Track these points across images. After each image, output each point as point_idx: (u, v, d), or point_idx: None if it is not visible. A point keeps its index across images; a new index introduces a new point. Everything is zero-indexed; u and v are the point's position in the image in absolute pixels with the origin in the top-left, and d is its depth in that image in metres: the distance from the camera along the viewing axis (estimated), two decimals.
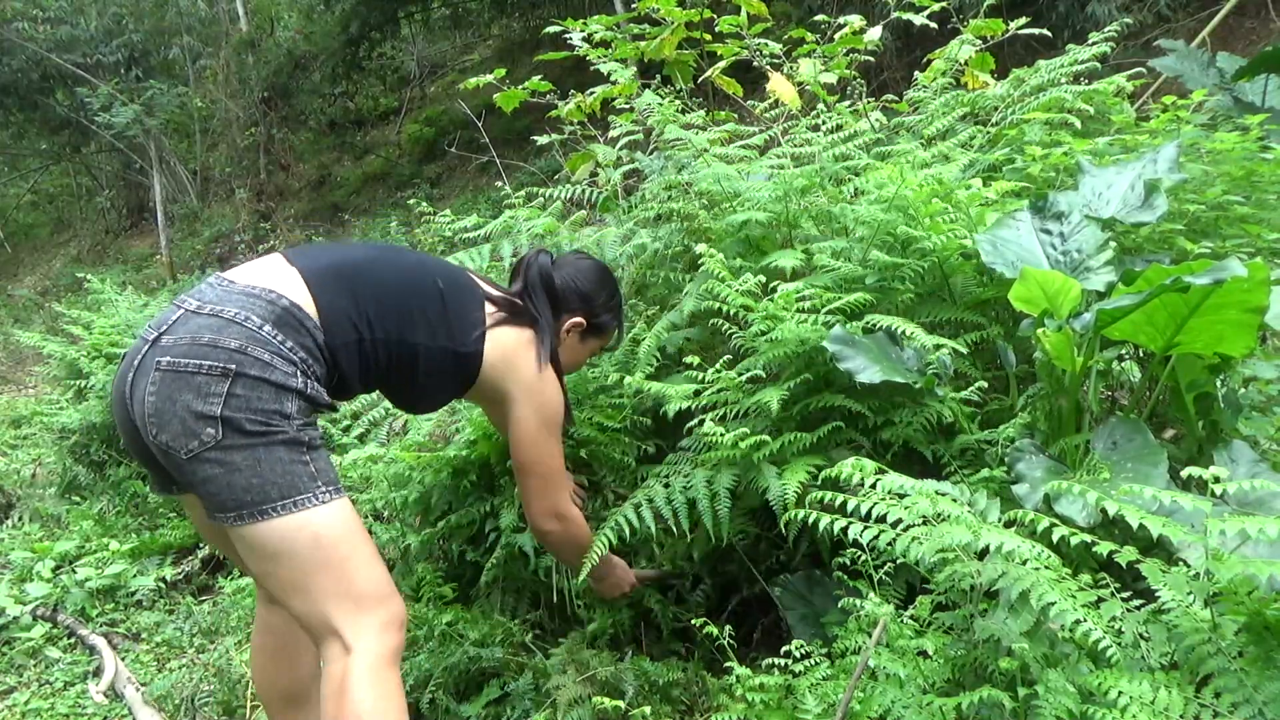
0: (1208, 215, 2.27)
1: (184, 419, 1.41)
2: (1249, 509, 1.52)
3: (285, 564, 1.45)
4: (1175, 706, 1.22)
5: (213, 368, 1.43)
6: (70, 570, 3.37)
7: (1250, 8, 6.46)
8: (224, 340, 1.44)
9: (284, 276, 1.57)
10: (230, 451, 1.42)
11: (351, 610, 1.46)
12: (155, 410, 1.43)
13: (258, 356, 1.45)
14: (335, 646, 1.45)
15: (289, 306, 1.52)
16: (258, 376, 1.45)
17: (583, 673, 1.92)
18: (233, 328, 1.46)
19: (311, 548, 1.45)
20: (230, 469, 1.42)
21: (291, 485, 1.45)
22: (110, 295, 5.23)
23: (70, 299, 9.51)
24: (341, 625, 1.45)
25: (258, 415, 1.44)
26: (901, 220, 2.09)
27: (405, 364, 1.67)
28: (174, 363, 1.43)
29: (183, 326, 1.47)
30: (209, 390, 1.42)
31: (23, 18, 11.52)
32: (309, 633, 1.51)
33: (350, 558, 1.48)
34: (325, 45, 11.97)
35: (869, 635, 1.57)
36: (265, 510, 1.43)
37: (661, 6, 2.99)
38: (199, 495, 1.47)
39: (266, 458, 1.43)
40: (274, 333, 1.49)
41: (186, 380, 1.42)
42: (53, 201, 16.34)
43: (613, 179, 2.80)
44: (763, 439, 1.81)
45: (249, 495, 1.42)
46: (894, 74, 6.85)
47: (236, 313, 1.48)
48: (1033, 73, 2.86)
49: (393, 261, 1.73)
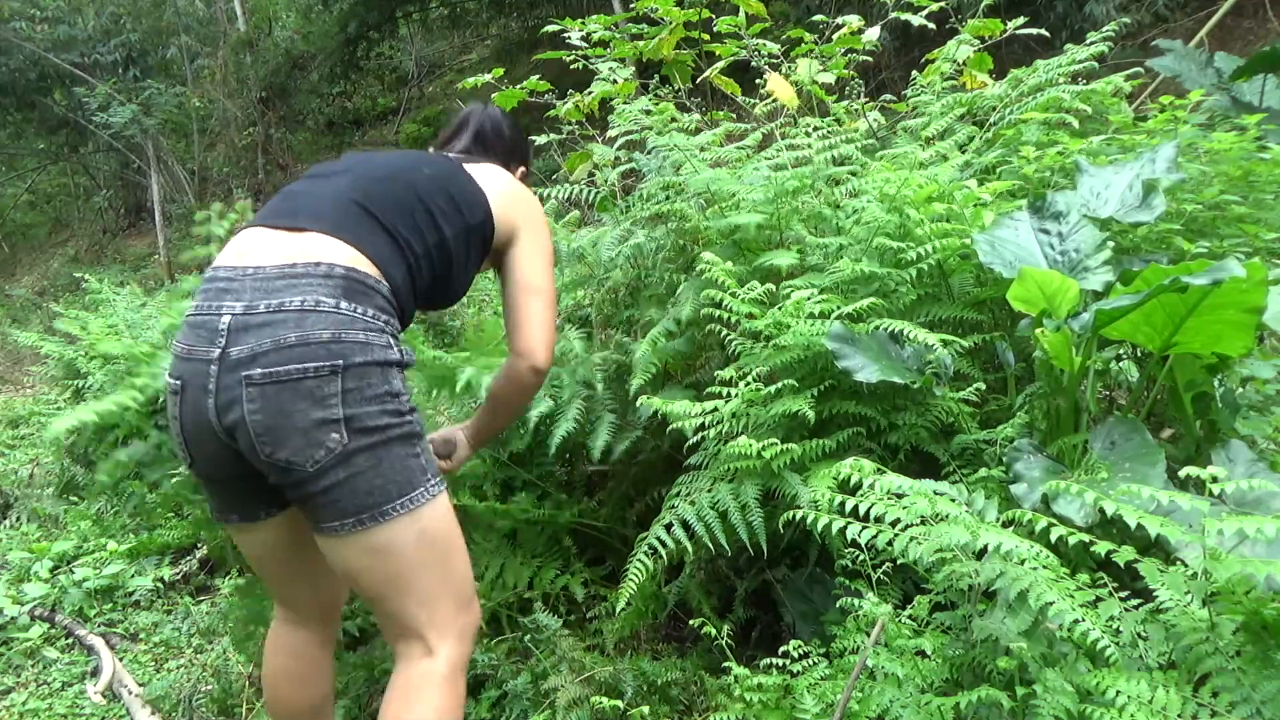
0: (1205, 215, 2.27)
1: (305, 430, 1.31)
2: (1246, 509, 1.53)
3: (390, 563, 1.39)
4: (1173, 706, 1.22)
5: (320, 368, 1.31)
6: (68, 570, 3.37)
7: (1248, 8, 6.47)
8: (313, 334, 1.32)
9: (304, 241, 1.42)
10: (355, 455, 1.34)
11: (441, 614, 1.43)
12: (267, 428, 1.31)
13: (354, 340, 1.35)
14: (417, 647, 1.44)
15: (346, 272, 1.39)
16: (362, 362, 1.35)
17: (581, 673, 1.92)
18: (312, 317, 1.33)
19: (418, 546, 1.40)
20: (354, 472, 1.34)
21: (408, 481, 1.39)
22: (109, 295, 5.22)
23: (68, 299, 9.50)
24: (429, 629, 1.43)
25: (374, 405, 1.35)
26: (900, 220, 2.09)
27: (444, 264, 1.60)
28: (272, 373, 1.31)
29: (251, 334, 1.33)
30: (323, 393, 1.31)
31: (20, 17, 11.50)
32: (389, 629, 1.48)
33: (448, 556, 1.46)
34: (323, 45, 11.97)
35: (867, 635, 1.57)
36: (385, 511, 1.37)
37: (660, 6, 2.99)
38: (313, 508, 1.38)
39: (386, 456, 1.37)
40: (351, 307, 1.37)
41: (294, 388, 1.31)
42: (50, 201, 16.31)
43: (610, 179, 2.80)
44: (789, 447, 1.81)
45: (371, 498, 1.35)
46: (892, 74, 6.85)
47: (303, 300, 1.35)
48: (1031, 73, 2.86)
49: (380, 174, 1.60)
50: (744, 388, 1.86)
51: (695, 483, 1.96)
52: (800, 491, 1.77)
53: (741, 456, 1.80)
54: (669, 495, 1.99)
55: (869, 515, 1.46)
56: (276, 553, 1.58)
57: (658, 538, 1.85)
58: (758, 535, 1.80)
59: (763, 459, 1.80)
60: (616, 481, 2.43)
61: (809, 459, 1.88)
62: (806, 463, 1.88)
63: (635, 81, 2.91)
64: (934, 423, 1.92)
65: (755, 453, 1.79)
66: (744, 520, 1.80)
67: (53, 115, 12.79)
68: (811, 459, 1.88)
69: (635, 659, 2.02)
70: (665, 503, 1.96)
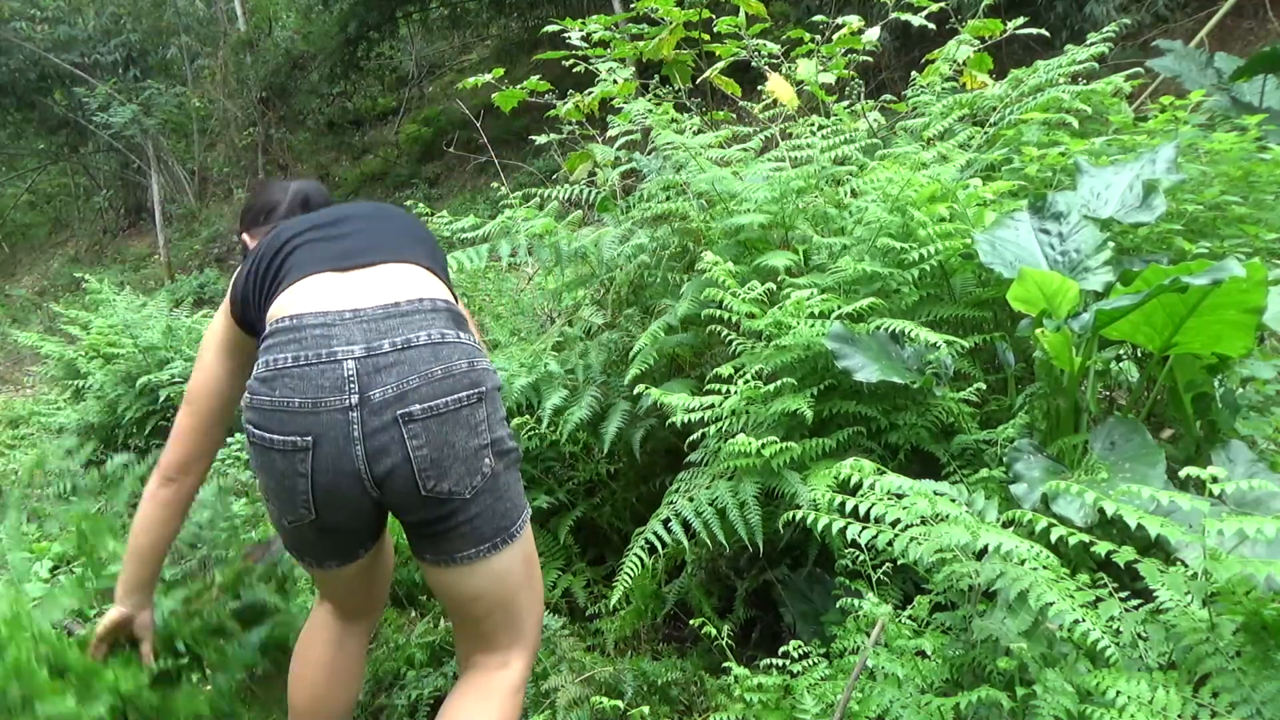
0: (1206, 215, 2.27)
1: (466, 459, 1.34)
2: (1246, 509, 1.53)
3: (507, 583, 1.44)
4: (1173, 706, 1.22)
5: (470, 397, 1.34)
6: (68, 571, 3.36)
7: (1248, 8, 6.47)
8: (454, 365, 1.34)
9: (390, 277, 1.42)
10: (499, 477, 1.39)
11: (528, 631, 1.49)
12: (432, 461, 1.31)
13: (483, 366, 1.38)
14: (498, 658, 1.48)
15: (447, 305, 1.41)
16: (493, 388, 1.39)
17: (581, 673, 1.92)
18: (445, 349, 1.34)
19: (525, 565, 1.47)
20: (498, 495, 1.39)
21: (523, 504, 1.46)
22: (108, 295, 5.22)
23: (68, 299, 9.50)
24: (515, 644, 1.48)
25: (504, 429, 1.40)
26: (902, 220, 2.09)
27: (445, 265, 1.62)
28: (430, 407, 1.31)
29: (388, 373, 1.30)
30: (475, 420, 1.35)
31: (20, 17, 11.52)
32: (475, 643, 1.49)
33: (537, 576, 1.52)
34: (323, 45, 11.98)
35: (867, 635, 1.57)
36: (513, 534, 1.42)
37: (660, 6, 2.99)
38: (451, 539, 1.39)
39: (512, 478, 1.42)
40: (467, 336, 1.39)
41: (454, 419, 1.32)
42: (50, 201, 16.32)
43: (610, 179, 2.80)
44: (789, 446, 1.82)
45: (505, 520, 1.41)
46: (892, 74, 6.86)
47: (428, 334, 1.34)
48: (1031, 73, 2.86)
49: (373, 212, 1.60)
50: (744, 385, 1.86)
51: (695, 480, 1.96)
52: (800, 491, 1.77)
53: (741, 454, 1.80)
54: (668, 491, 1.99)
55: (869, 515, 1.46)
56: (355, 582, 1.58)
57: (655, 533, 1.85)
58: (756, 533, 1.80)
59: (762, 457, 1.80)
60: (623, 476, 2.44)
61: (809, 458, 1.88)
62: (806, 462, 1.88)
63: (635, 82, 2.91)
64: (934, 423, 1.92)
65: (755, 450, 1.79)
66: (743, 518, 1.81)
67: (53, 115, 12.80)
68: (811, 458, 1.88)
69: (635, 659, 2.02)
70: (664, 498, 1.96)
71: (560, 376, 2.33)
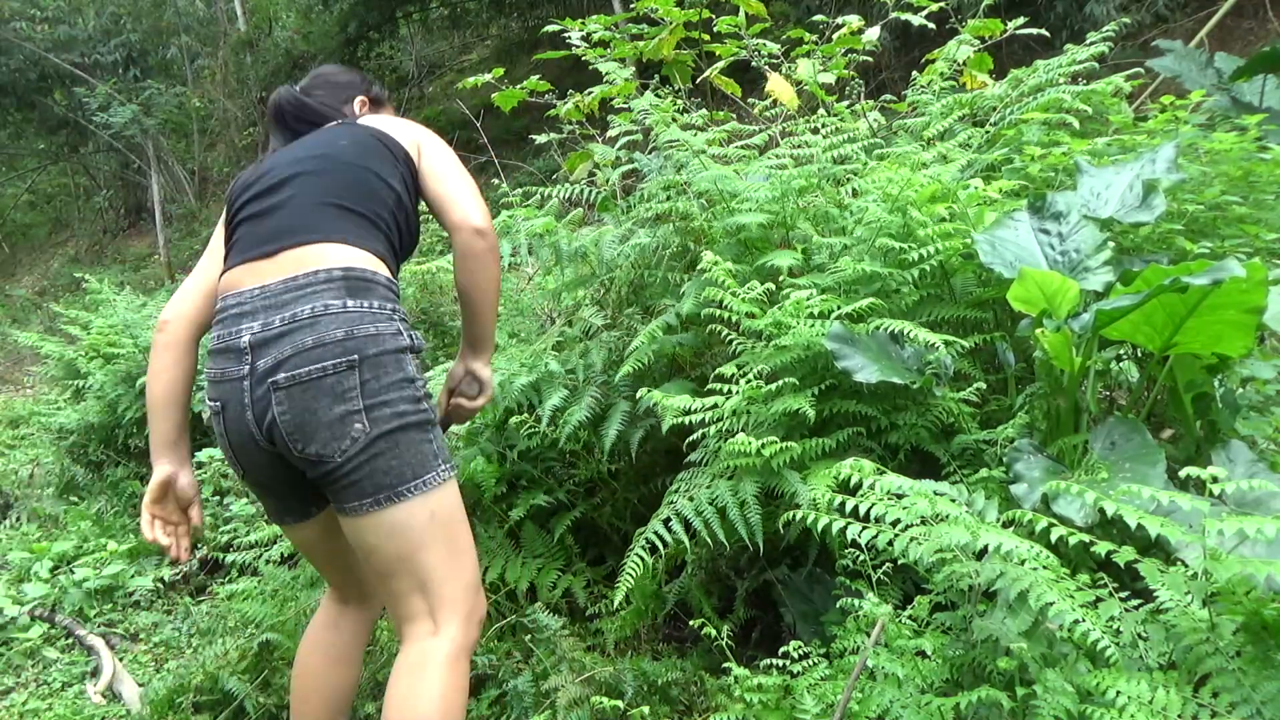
0: (1206, 215, 2.27)
1: (330, 424, 1.42)
2: (1247, 509, 1.53)
3: (402, 541, 1.47)
4: (1173, 706, 1.22)
5: (337, 365, 1.42)
6: (68, 571, 3.36)
7: (1248, 8, 6.47)
8: (328, 335, 1.42)
9: (298, 255, 1.50)
10: (376, 441, 1.43)
11: (448, 595, 1.49)
12: (296, 426, 1.42)
13: (365, 333, 1.44)
14: (423, 626, 1.48)
15: (344, 272, 1.48)
16: (376, 353, 1.44)
17: (582, 673, 1.92)
18: (324, 320, 1.43)
19: (428, 526, 1.48)
20: (375, 454, 1.44)
21: (422, 465, 1.48)
22: (109, 295, 5.22)
23: (68, 299, 9.50)
24: (436, 609, 1.48)
25: (392, 393, 1.45)
26: (902, 220, 2.09)
27: (404, 216, 1.66)
28: (294, 375, 1.42)
29: (272, 345, 1.44)
30: (343, 388, 1.42)
31: (20, 17, 11.52)
32: (398, 610, 1.52)
33: (456, 539, 1.52)
34: (323, 45, 11.96)
35: (867, 635, 1.57)
36: (400, 492, 1.45)
37: (660, 6, 2.99)
38: (337, 491, 1.47)
39: (403, 440, 1.46)
40: (357, 303, 1.46)
41: (316, 387, 1.41)
42: (50, 201, 16.32)
43: (611, 179, 2.80)
44: (789, 445, 1.82)
45: (389, 478, 1.44)
46: (892, 74, 6.86)
47: (312, 306, 1.44)
48: (1031, 73, 2.86)
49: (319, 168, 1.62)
50: (745, 385, 1.86)
51: (695, 479, 1.96)
52: (800, 491, 1.77)
53: (741, 454, 1.81)
54: (669, 491, 1.99)
55: (869, 515, 1.46)
56: (324, 543, 1.69)
57: (655, 533, 1.85)
58: (756, 533, 1.80)
59: (762, 457, 1.80)
60: (623, 476, 2.44)
61: (809, 458, 1.88)
62: (806, 462, 1.88)
63: (635, 81, 2.90)
64: (934, 423, 1.92)
65: (755, 450, 1.79)
66: (743, 517, 1.81)
67: (53, 115, 12.80)
68: (811, 458, 1.88)
69: (635, 659, 2.02)
70: (665, 498, 1.96)
71: (560, 376, 2.33)
